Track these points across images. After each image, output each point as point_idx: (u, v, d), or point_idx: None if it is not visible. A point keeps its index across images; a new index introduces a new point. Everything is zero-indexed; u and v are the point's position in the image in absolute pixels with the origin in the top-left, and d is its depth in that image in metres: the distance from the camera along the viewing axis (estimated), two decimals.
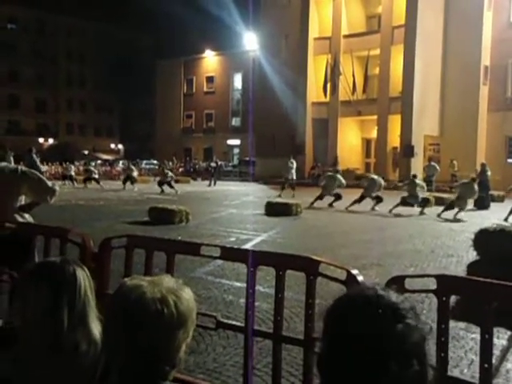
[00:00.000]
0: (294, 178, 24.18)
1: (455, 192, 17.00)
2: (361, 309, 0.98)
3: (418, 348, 0.97)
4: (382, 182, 18.63)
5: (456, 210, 15.80)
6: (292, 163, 24.42)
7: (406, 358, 0.94)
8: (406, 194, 17.57)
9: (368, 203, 18.02)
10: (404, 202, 17.16)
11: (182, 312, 1.29)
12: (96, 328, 1.57)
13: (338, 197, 18.74)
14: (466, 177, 23.27)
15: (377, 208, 17.72)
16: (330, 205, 18.59)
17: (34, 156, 21.70)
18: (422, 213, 16.79)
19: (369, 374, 0.93)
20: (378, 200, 17.95)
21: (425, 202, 17.42)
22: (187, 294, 1.34)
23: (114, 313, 1.32)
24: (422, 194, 17.81)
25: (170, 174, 26.66)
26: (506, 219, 14.16)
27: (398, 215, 16.37)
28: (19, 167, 4.39)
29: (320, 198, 18.78)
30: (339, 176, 19.29)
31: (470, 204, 17.29)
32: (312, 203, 18.50)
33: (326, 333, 1.01)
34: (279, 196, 21.74)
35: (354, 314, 0.97)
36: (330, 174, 20.24)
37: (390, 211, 16.66)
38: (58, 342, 1.52)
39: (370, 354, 0.93)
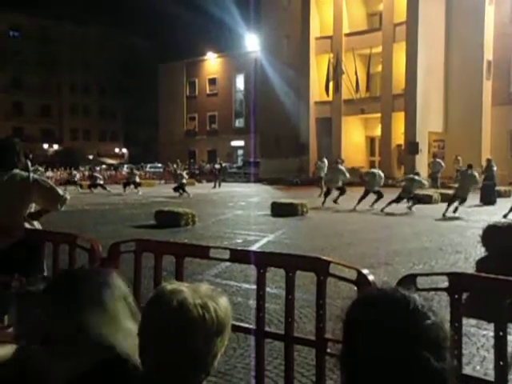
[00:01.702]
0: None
1: (458, 183, 17.01)
2: (390, 305, 0.99)
3: (446, 343, 0.98)
4: (382, 175, 18.34)
5: (457, 202, 15.69)
6: (323, 162, 24.47)
7: (441, 350, 0.96)
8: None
9: (369, 202, 17.72)
10: (398, 198, 16.90)
11: (221, 319, 1.27)
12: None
13: (342, 191, 18.61)
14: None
15: (375, 206, 17.29)
16: (335, 201, 18.39)
17: (29, 162, 22.22)
18: (409, 208, 16.58)
19: (407, 366, 0.93)
20: (379, 196, 17.58)
21: (414, 200, 16.99)
22: (225, 301, 1.32)
23: (153, 317, 1.28)
24: (420, 189, 17.65)
25: (185, 175, 26.77)
26: (505, 216, 13.87)
27: (390, 214, 16.06)
28: (31, 175, 4.38)
29: (328, 193, 18.72)
30: (341, 167, 19.18)
31: (476, 199, 17.15)
32: (323, 202, 18.36)
33: (352, 331, 1.01)
34: (320, 196, 21.33)
35: (384, 311, 0.98)
36: (332, 167, 20.19)
37: (382, 209, 16.42)
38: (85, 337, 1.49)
39: (407, 347, 0.94)
